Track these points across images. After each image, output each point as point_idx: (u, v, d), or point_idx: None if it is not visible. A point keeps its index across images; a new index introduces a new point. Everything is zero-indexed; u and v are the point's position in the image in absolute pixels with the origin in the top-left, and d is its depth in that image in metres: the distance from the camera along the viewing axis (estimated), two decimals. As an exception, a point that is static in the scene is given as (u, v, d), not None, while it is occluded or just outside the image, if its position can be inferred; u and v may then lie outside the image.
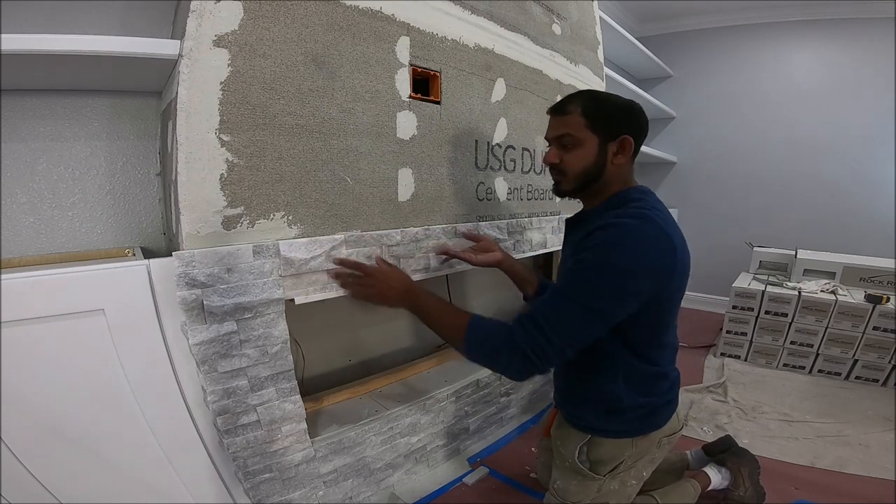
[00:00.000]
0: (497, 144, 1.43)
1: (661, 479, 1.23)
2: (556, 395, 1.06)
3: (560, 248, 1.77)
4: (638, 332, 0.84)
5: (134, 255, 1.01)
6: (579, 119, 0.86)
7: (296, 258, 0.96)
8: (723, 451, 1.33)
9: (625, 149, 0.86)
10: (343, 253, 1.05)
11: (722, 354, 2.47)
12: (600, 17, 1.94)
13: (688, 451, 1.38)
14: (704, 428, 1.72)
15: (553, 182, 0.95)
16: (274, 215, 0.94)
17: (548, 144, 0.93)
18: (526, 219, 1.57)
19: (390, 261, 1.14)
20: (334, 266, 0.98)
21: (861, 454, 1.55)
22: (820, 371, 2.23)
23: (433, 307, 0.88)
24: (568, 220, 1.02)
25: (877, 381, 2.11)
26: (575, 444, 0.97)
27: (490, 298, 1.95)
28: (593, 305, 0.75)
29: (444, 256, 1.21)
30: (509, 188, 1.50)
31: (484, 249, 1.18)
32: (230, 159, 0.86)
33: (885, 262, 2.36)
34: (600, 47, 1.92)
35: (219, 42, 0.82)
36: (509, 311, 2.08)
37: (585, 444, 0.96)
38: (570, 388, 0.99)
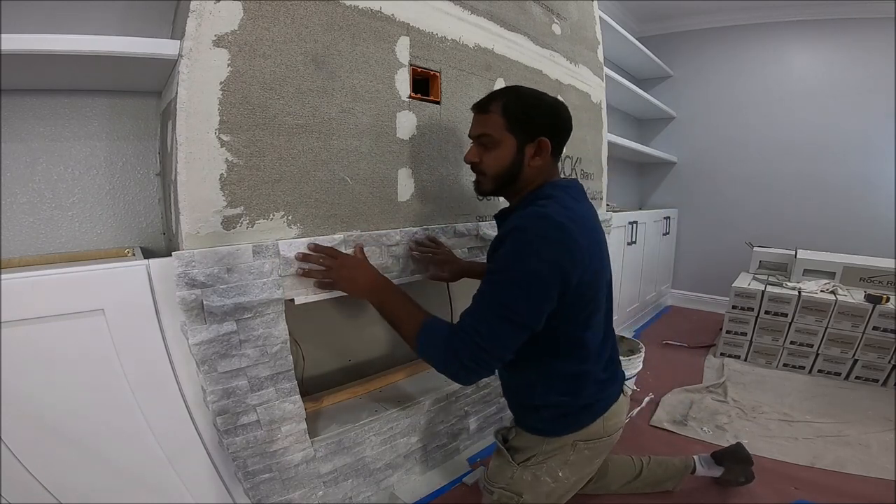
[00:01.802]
0: (497, 144, 1.43)
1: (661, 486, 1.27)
2: None
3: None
4: (551, 330, 0.82)
5: (134, 255, 1.01)
6: (499, 119, 0.86)
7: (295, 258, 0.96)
8: (737, 461, 1.31)
9: (542, 150, 0.86)
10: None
11: (722, 354, 2.47)
12: (600, 17, 1.94)
13: (695, 456, 1.34)
14: (704, 428, 1.72)
15: (474, 181, 0.97)
16: (274, 215, 0.94)
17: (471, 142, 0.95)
18: (526, 219, 1.57)
19: (390, 261, 1.15)
20: (301, 251, 0.96)
21: (861, 454, 1.55)
22: (820, 371, 2.23)
23: (395, 305, 0.89)
24: (496, 216, 1.01)
25: (877, 381, 2.11)
26: (504, 427, 1.04)
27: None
28: (511, 317, 0.76)
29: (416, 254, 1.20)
30: (509, 188, 1.50)
31: (442, 262, 1.20)
32: (230, 159, 0.86)
33: (885, 262, 2.36)
34: (600, 47, 1.92)
35: (219, 42, 0.82)
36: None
37: (509, 429, 1.02)
38: (500, 374, 1.02)
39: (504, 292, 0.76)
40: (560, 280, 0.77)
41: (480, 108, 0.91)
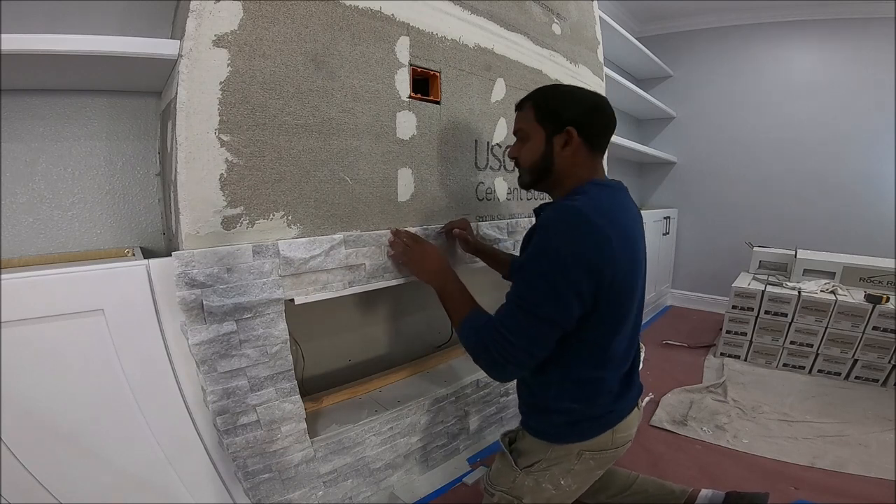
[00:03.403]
0: (497, 144, 1.43)
1: None
2: None
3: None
4: (579, 330, 0.81)
5: (133, 255, 1.01)
6: (530, 113, 0.89)
7: (295, 258, 0.96)
8: None
9: (571, 140, 0.85)
10: (342, 253, 1.05)
11: (722, 354, 2.47)
12: (600, 17, 1.94)
13: (705, 491, 1.14)
14: (704, 428, 1.72)
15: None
16: (273, 215, 0.94)
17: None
18: (526, 219, 1.57)
19: (390, 261, 1.15)
20: (395, 228, 1.12)
21: (861, 454, 1.55)
22: (820, 371, 2.23)
23: (453, 293, 0.95)
24: (535, 210, 1.00)
25: (877, 381, 2.11)
26: (512, 430, 1.02)
27: (489, 299, 1.95)
28: (539, 314, 0.76)
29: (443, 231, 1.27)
30: (509, 188, 1.50)
31: (461, 227, 1.26)
32: (230, 159, 0.86)
33: (885, 262, 2.36)
34: (600, 47, 1.91)
35: (218, 42, 0.82)
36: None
37: (516, 432, 1.00)
38: (522, 395, 1.00)
39: (529, 286, 0.77)
40: (588, 274, 0.74)
41: (518, 105, 0.94)
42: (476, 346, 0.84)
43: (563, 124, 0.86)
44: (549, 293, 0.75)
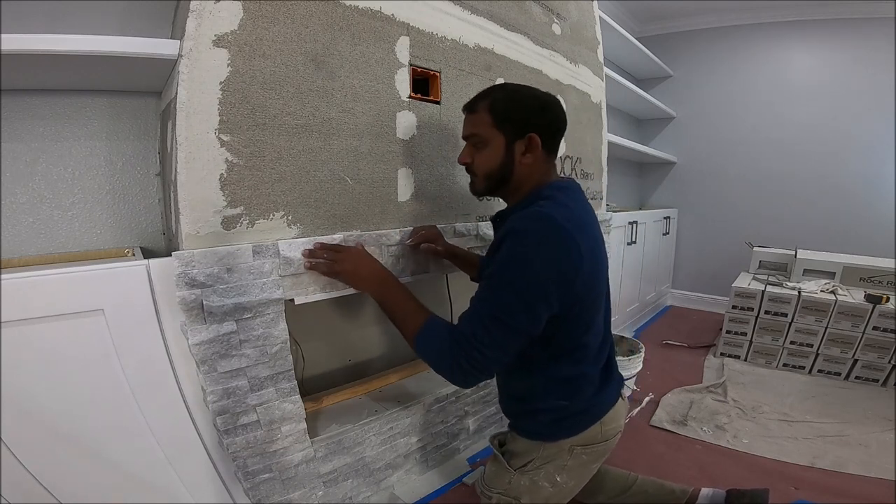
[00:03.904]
0: (497, 144, 1.43)
1: None
2: None
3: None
4: (553, 333, 0.81)
5: (133, 255, 1.01)
6: (486, 117, 0.84)
7: (295, 258, 0.96)
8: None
9: (533, 147, 0.83)
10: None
11: (722, 354, 2.47)
12: (600, 17, 1.94)
13: (706, 490, 1.15)
14: (704, 428, 1.72)
15: (469, 182, 0.95)
16: (273, 215, 0.94)
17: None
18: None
19: (389, 261, 1.15)
20: (307, 248, 0.98)
21: (861, 454, 1.55)
22: (820, 371, 2.23)
23: (397, 300, 0.89)
24: (492, 218, 1.00)
25: (877, 381, 2.11)
26: (501, 433, 1.01)
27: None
28: (509, 322, 0.74)
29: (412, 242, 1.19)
30: (509, 188, 1.50)
31: (434, 237, 1.19)
32: (230, 159, 0.86)
33: (885, 262, 2.36)
34: (600, 47, 1.91)
35: (218, 42, 0.82)
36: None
37: (505, 434, 0.99)
38: (496, 377, 1.00)
39: (502, 296, 0.75)
40: (560, 284, 0.74)
41: (469, 107, 0.89)
42: (440, 357, 0.80)
43: (523, 130, 0.83)
44: (520, 303, 0.74)
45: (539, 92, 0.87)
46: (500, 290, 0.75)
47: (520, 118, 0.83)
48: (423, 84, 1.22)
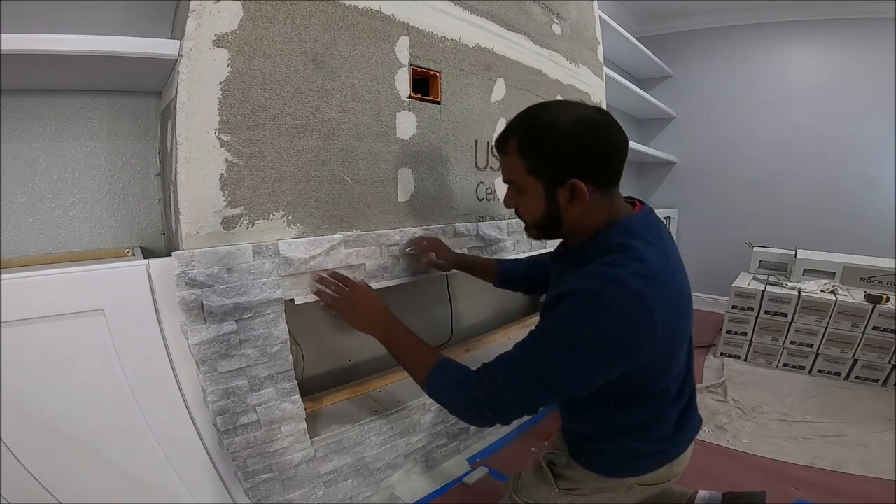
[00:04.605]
0: (497, 144, 1.43)
1: None
2: None
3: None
4: (622, 382, 0.71)
5: (134, 255, 1.01)
6: (517, 162, 0.73)
7: (295, 258, 0.96)
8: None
9: (578, 195, 0.69)
10: (342, 253, 1.05)
11: (722, 354, 2.47)
12: (600, 17, 1.94)
13: (703, 492, 1.12)
14: (704, 428, 1.72)
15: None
16: (273, 215, 0.94)
17: None
18: (526, 219, 1.57)
19: (390, 261, 1.15)
20: (319, 274, 0.99)
21: (861, 454, 1.55)
22: (820, 371, 2.23)
23: (403, 341, 0.85)
24: (551, 256, 0.91)
25: (877, 381, 2.11)
26: (554, 448, 0.93)
27: (489, 298, 1.95)
28: (551, 383, 0.66)
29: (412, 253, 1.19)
30: (509, 188, 1.50)
31: (442, 256, 1.17)
32: (230, 159, 0.86)
33: (885, 262, 2.36)
34: (600, 47, 1.91)
35: (218, 42, 0.82)
36: (509, 309, 2.08)
37: (561, 457, 0.90)
38: (561, 411, 0.93)
39: (552, 357, 0.66)
40: (626, 353, 0.65)
41: (498, 148, 0.77)
42: (453, 395, 0.74)
43: (564, 175, 0.69)
44: (570, 369, 0.65)
45: (576, 114, 0.70)
46: (550, 349, 0.66)
47: (554, 162, 0.69)
48: (423, 84, 1.22)
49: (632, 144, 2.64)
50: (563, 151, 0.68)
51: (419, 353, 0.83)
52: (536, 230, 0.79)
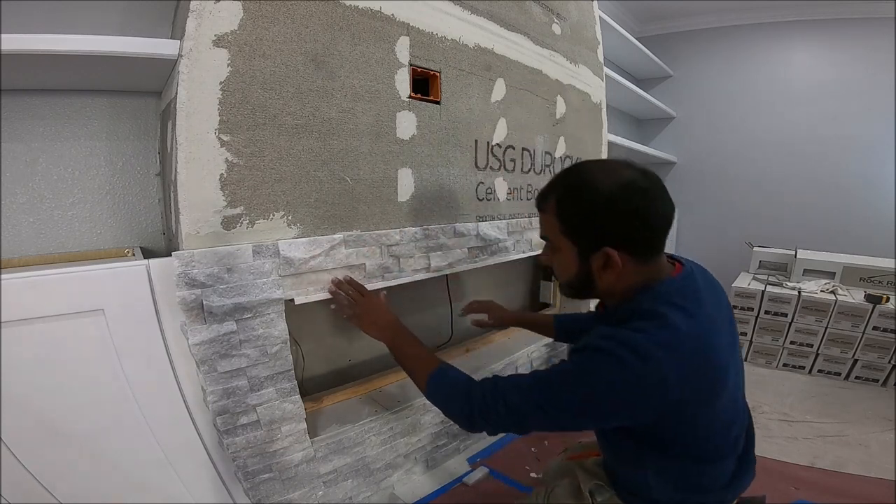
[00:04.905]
0: (497, 144, 1.43)
1: None
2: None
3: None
4: (652, 432, 0.69)
5: (134, 255, 1.01)
6: (553, 221, 0.71)
7: (295, 258, 0.96)
8: None
9: (611, 264, 0.66)
10: (342, 253, 1.05)
11: (722, 354, 2.46)
12: (600, 17, 1.94)
13: None
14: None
15: None
16: (273, 215, 0.94)
17: None
18: (526, 219, 1.57)
19: (390, 261, 1.15)
20: (338, 277, 1.03)
21: (861, 454, 1.55)
22: (820, 371, 2.23)
23: (409, 348, 0.90)
24: (596, 314, 0.88)
25: (877, 381, 2.11)
26: (596, 478, 0.88)
27: (489, 299, 1.95)
28: (551, 413, 0.67)
29: (470, 314, 1.27)
30: (509, 188, 1.50)
31: (495, 317, 1.24)
32: (230, 159, 0.86)
33: (885, 262, 2.36)
34: (600, 47, 1.91)
35: (218, 42, 0.82)
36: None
37: (607, 491, 0.85)
38: (604, 459, 0.88)
39: (558, 394, 0.67)
40: (628, 413, 0.65)
41: (537, 204, 0.75)
42: (449, 398, 0.78)
43: (597, 242, 0.66)
44: (573, 410, 0.66)
45: (618, 178, 0.66)
46: (559, 387, 0.67)
47: (589, 227, 0.67)
48: (423, 84, 1.22)
49: (632, 144, 2.66)
50: (598, 218, 0.66)
51: (422, 357, 0.86)
52: (569, 290, 0.78)
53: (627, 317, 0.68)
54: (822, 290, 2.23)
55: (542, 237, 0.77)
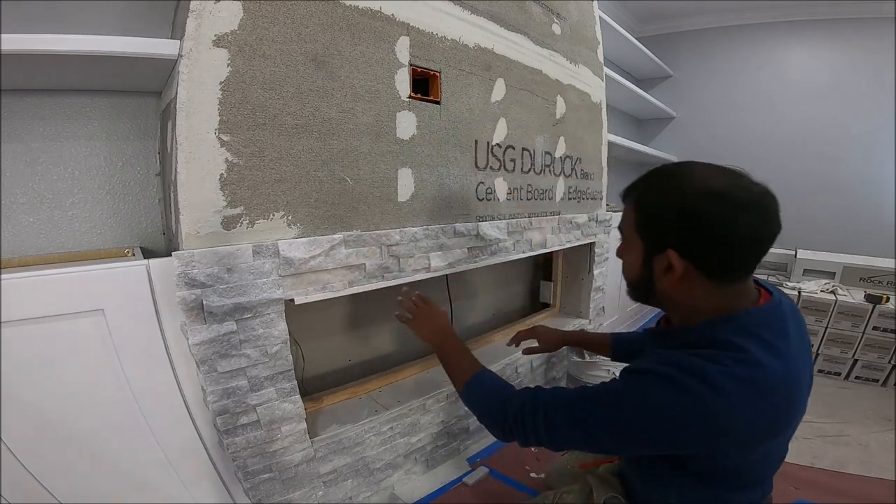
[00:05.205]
0: (497, 144, 1.43)
1: None
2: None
3: (560, 247, 1.78)
4: (687, 458, 0.66)
5: (133, 255, 1.01)
6: (631, 214, 0.68)
7: (295, 258, 0.96)
8: None
9: (673, 268, 0.61)
10: (342, 253, 1.05)
11: (722, 354, 2.46)
12: (600, 17, 1.94)
13: None
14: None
15: None
16: (273, 215, 0.94)
17: None
18: (526, 219, 1.57)
19: (390, 260, 1.15)
20: (407, 288, 1.09)
21: (861, 454, 1.55)
22: (820, 371, 2.23)
23: (453, 353, 0.93)
24: (655, 331, 0.86)
25: (877, 381, 2.11)
26: (612, 490, 0.86)
27: (489, 298, 1.95)
28: (592, 433, 0.64)
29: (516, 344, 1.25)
30: (509, 188, 1.50)
31: (546, 340, 1.22)
32: (230, 159, 0.86)
33: (885, 262, 2.36)
34: (600, 47, 1.91)
35: (218, 42, 0.82)
36: (509, 310, 2.08)
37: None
38: (630, 482, 0.86)
39: (602, 415, 0.63)
40: (680, 445, 0.61)
41: (623, 194, 0.72)
42: (487, 405, 0.78)
43: (662, 243, 0.62)
44: (618, 441, 0.63)
45: (709, 184, 0.60)
46: (605, 411, 0.63)
47: (657, 226, 0.63)
48: (423, 84, 1.22)
49: (632, 144, 2.66)
50: (667, 218, 0.61)
51: (464, 363, 0.89)
52: (632, 290, 0.75)
53: (699, 344, 0.62)
54: (822, 290, 2.23)
55: (618, 228, 0.74)
